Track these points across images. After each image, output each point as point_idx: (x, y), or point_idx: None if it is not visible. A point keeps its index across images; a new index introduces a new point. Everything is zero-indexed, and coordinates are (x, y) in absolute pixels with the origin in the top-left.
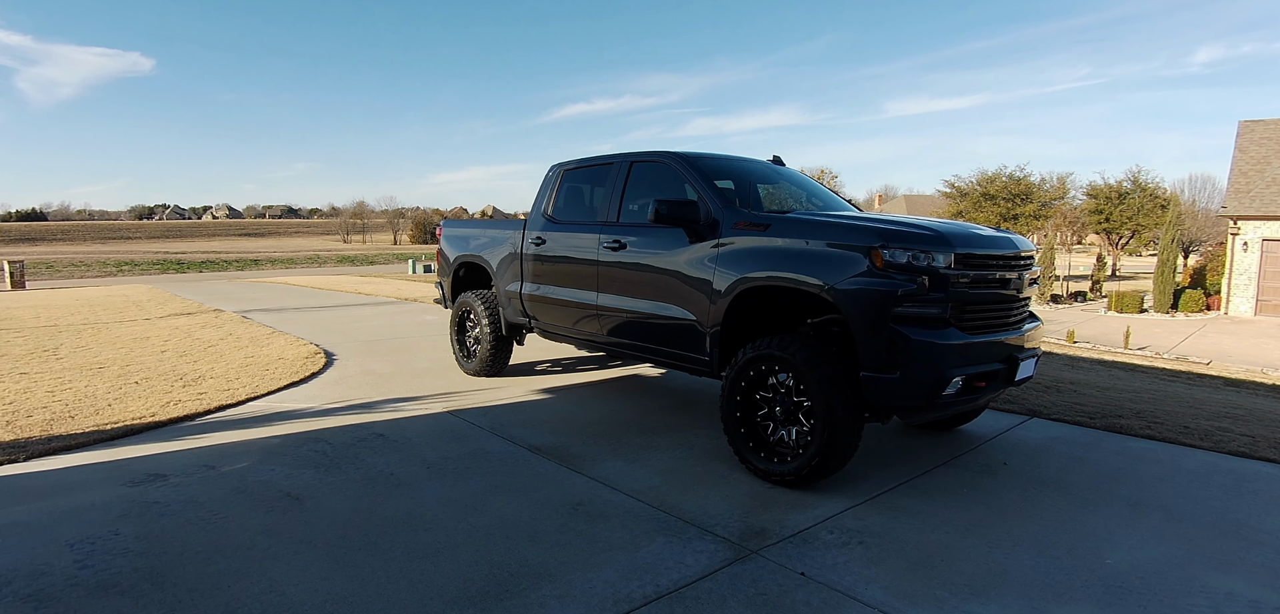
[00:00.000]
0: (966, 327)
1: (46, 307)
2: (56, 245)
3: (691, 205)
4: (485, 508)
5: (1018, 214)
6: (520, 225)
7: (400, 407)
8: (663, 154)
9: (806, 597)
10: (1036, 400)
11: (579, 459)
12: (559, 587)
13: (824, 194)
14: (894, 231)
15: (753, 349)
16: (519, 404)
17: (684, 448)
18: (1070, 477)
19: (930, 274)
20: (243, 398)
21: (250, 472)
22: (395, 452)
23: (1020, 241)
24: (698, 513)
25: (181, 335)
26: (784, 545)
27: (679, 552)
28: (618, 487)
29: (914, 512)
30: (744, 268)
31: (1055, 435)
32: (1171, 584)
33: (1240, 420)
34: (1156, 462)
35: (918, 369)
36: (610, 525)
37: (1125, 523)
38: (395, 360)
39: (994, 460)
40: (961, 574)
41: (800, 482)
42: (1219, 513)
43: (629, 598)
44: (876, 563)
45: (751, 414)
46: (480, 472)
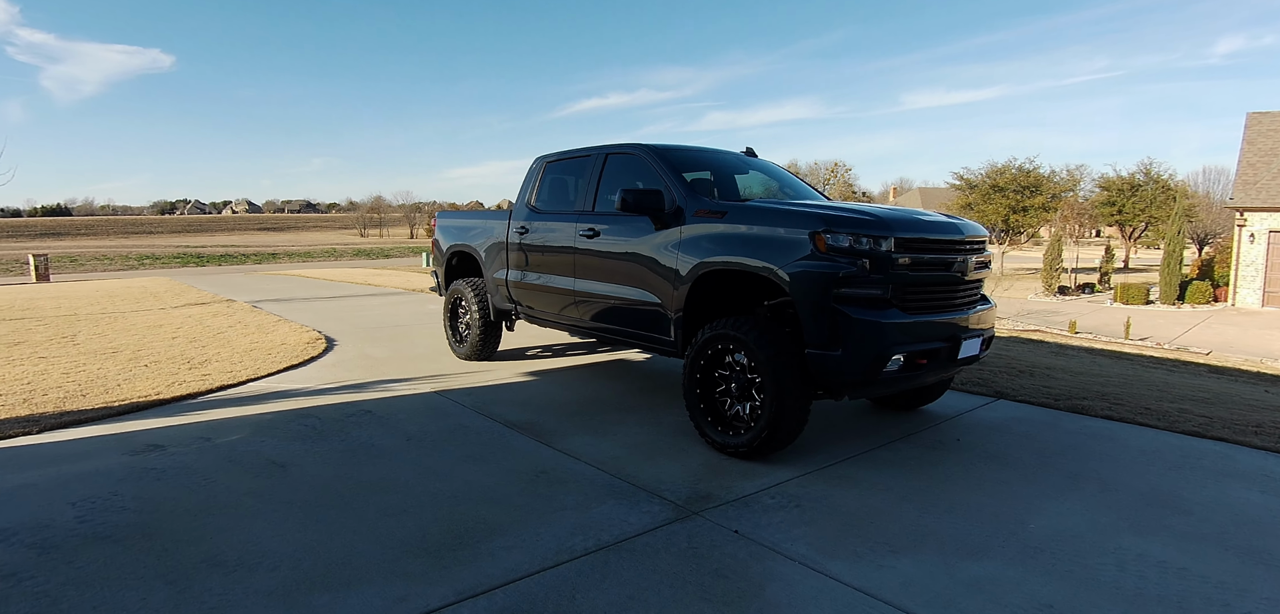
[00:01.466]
0: (908, 307)
1: (68, 297)
2: (81, 240)
3: (655, 194)
4: (454, 474)
5: (1027, 206)
6: (506, 215)
7: (390, 387)
8: (633, 146)
9: (734, 550)
10: (1006, 383)
11: (551, 434)
12: (509, 540)
13: (794, 183)
14: (836, 217)
15: (710, 329)
16: (504, 385)
17: (653, 424)
18: (1019, 452)
19: (871, 257)
20: (243, 379)
21: (242, 443)
22: (380, 426)
23: (968, 227)
24: (651, 480)
25: (193, 323)
26: (725, 508)
27: (626, 512)
28: (581, 457)
29: (857, 480)
30: (703, 253)
31: (1016, 415)
32: (1086, 546)
33: (1204, 403)
34: (1108, 439)
35: (858, 347)
36: (567, 490)
37: (1059, 493)
38: (393, 346)
39: (948, 437)
40: (886, 534)
41: (753, 453)
42: (1154, 485)
43: (571, 549)
44: (808, 524)
45: (710, 391)
46: (455, 443)
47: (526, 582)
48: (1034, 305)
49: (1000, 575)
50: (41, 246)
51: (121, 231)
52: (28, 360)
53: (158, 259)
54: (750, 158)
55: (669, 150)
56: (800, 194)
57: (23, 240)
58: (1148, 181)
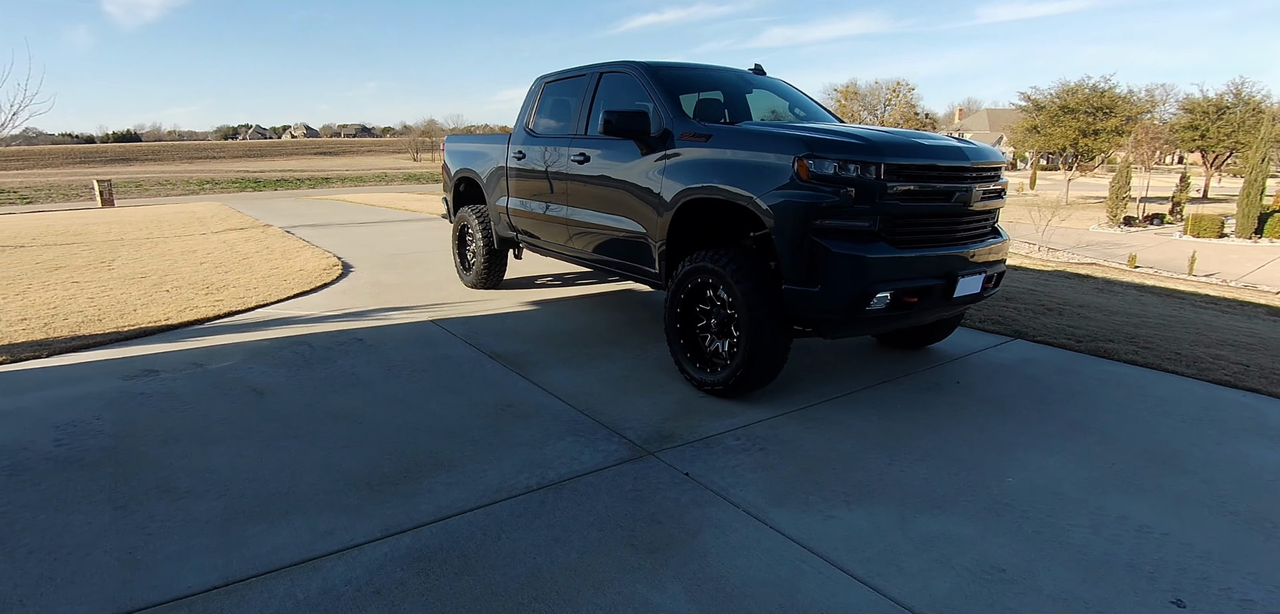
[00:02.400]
0: (899, 240)
1: (121, 222)
2: (148, 165)
3: (640, 115)
4: (423, 406)
5: (1098, 129)
6: (506, 139)
7: (389, 315)
8: (626, 64)
9: (676, 495)
10: (1029, 322)
11: (532, 366)
12: (455, 476)
13: (807, 105)
14: (819, 141)
15: (690, 262)
16: (502, 315)
17: (639, 358)
18: (1020, 398)
19: (858, 185)
20: (253, 305)
21: (231, 369)
22: (367, 354)
23: (975, 153)
24: (617, 418)
25: (224, 248)
26: (685, 448)
27: (580, 450)
28: (554, 391)
29: (833, 423)
30: (686, 179)
31: (1030, 357)
32: (1064, 504)
33: (1246, 349)
34: (1125, 386)
35: (839, 283)
36: (529, 425)
37: (1051, 444)
38: (407, 273)
39: (947, 379)
40: (846, 483)
41: (728, 391)
42: (1162, 439)
43: (511, 488)
44: (767, 468)
45: (691, 326)
46: (434, 374)
47: (456, 520)
48: (1095, 237)
49: (957, 533)
50: (111, 172)
51: (186, 157)
52: (60, 285)
53: (218, 184)
54: (759, 76)
55: (662, 68)
56: (812, 117)
57: (95, 165)
58: (1238, 103)
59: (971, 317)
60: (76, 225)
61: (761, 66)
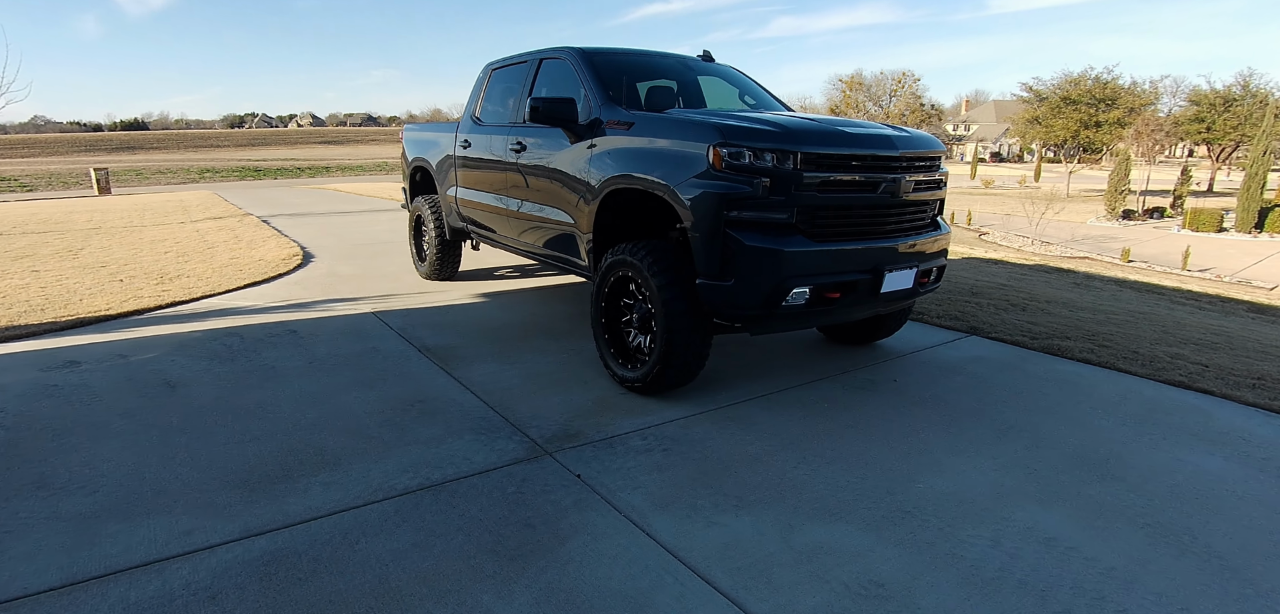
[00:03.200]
0: (819, 233)
1: (106, 211)
2: (153, 153)
3: (567, 102)
4: (331, 401)
5: (1101, 121)
6: (455, 128)
7: (333, 306)
8: (562, 49)
9: (559, 498)
10: (989, 318)
11: (459, 360)
12: (337, 475)
13: (757, 92)
14: (733, 128)
15: (612, 255)
16: (448, 307)
17: (572, 353)
18: (958, 397)
19: (773, 176)
20: (200, 295)
21: (151, 362)
22: (295, 347)
23: (906, 141)
24: (527, 415)
25: (195, 238)
26: (586, 449)
27: (476, 449)
28: (472, 387)
29: (751, 422)
30: (609, 169)
31: (981, 355)
32: (970, 513)
33: (1209, 348)
34: (1072, 386)
35: (752, 277)
36: (432, 423)
37: (976, 448)
38: (367, 264)
39: (885, 377)
40: (743, 486)
41: (648, 388)
42: (1096, 444)
43: (390, 489)
44: (665, 470)
45: (615, 321)
46: (355, 368)
47: (321, 522)
48: (1092, 230)
49: (844, 543)
50: (116, 160)
51: (191, 145)
52: (18, 274)
53: (218, 172)
54: (706, 62)
55: (599, 54)
56: (762, 106)
57: (100, 153)
58: (1245, 95)
59: (929, 312)
60: (61, 214)
61: (709, 53)
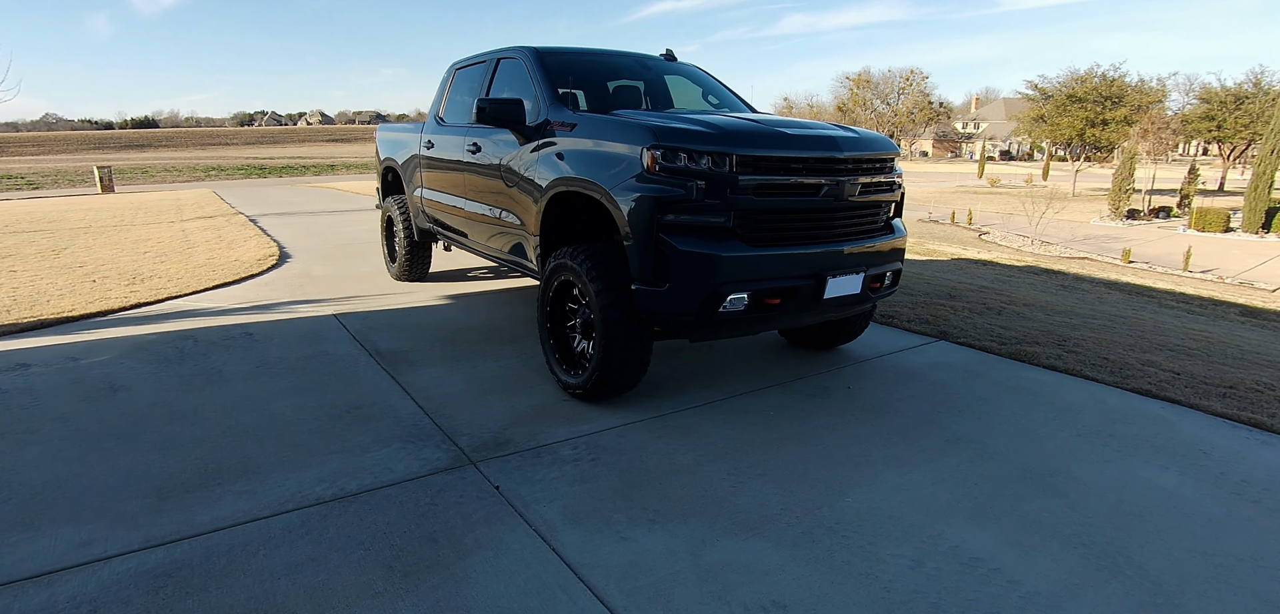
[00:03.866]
0: (757, 237)
1: (102, 209)
2: (161, 151)
3: (514, 103)
4: (267, 407)
5: (1107, 119)
6: (421, 128)
7: (297, 308)
8: (517, 49)
9: (471, 511)
10: (961, 321)
11: (409, 364)
12: (254, 483)
13: (722, 93)
14: (666, 129)
15: (555, 259)
16: (411, 309)
17: (525, 357)
18: (911, 406)
19: (708, 178)
20: (167, 296)
21: (100, 365)
22: (247, 350)
23: (853, 141)
24: (463, 422)
25: (178, 237)
26: (514, 458)
27: (400, 458)
28: (414, 392)
29: (689, 431)
30: (553, 171)
31: (945, 360)
32: (895, 530)
33: (1184, 354)
34: (1032, 394)
35: (686, 283)
36: (364, 430)
37: (920, 459)
38: (342, 265)
39: (839, 384)
40: (665, 499)
41: (588, 395)
42: (1045, 456)
43: (303, 499)
44: (588, 481)
45: (561, 326)
46: (300, 372)
47: (223, 533)
48: (1095, 230)
49: (756, 561)
50: (125, 158)
51: (200, 143)
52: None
53: (223, 171)
54: (670, 62)
55: (552, 54)
56: (726, 105)
57: (110, 151)
58: (1257, 93)
59: (900, 315)
60: (57, 212)
61: (672, 53)
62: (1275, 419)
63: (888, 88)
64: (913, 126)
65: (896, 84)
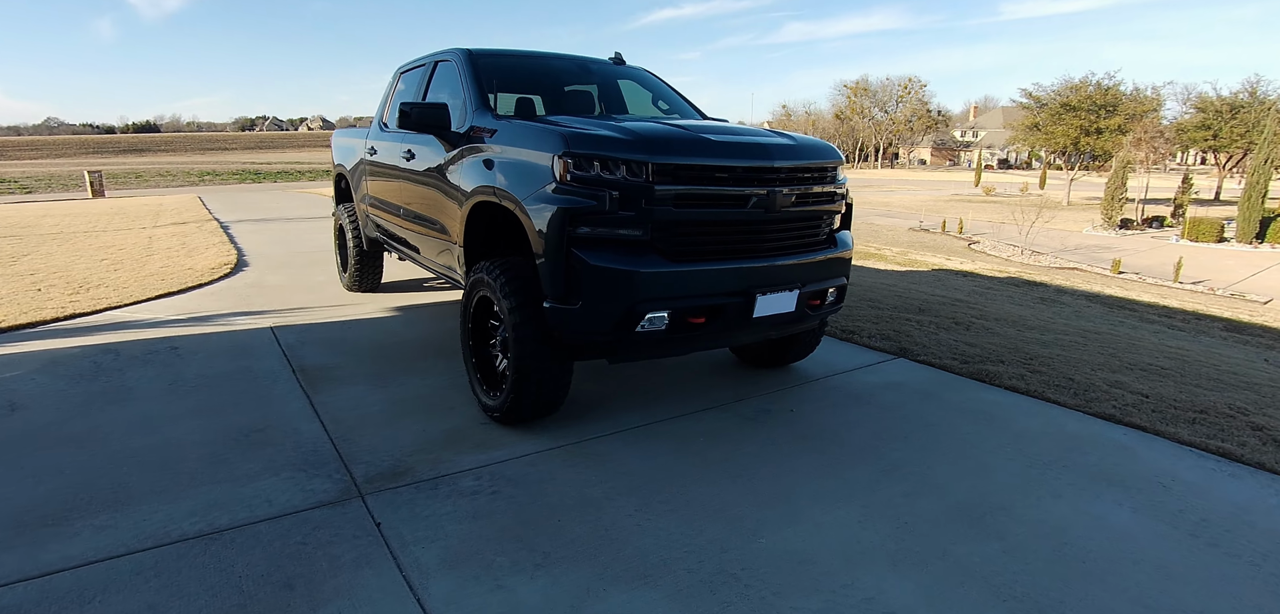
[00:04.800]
0: (677, 252)
1: (81, 214)
2: (160, 155)
3: (438, 108)
4: (166, 429)
5: (1102, 128)
6: (367, 134)
7: (234, 320)
8: (451, 52)
9: (341, 552)
10: (924, 337)
11: (330, 382)
12: (119, 517)
13: (672, 98)
14: (578, 136)
15: (473, 273)
16: (353, 321)
17: (457, 376)
18: (853, 431)
19: (621, 188)
20: (106, 306)
21: (9, 381)
22: (166, 366)
23: (781, 148)
24: (365, 448)
25: (142, 244)
26: (407, 489)
27: (283, 489)
28: (324, 414)
29: (607, 460)
30: (473, 179)
31: (900, 380)
32: (805, 576)
33: (1155, 375)
34: (986, 419)
35: (600, 300)
36: (257, 456)
37: (850, 492)
38: (299, 274)
39: (781, 406)
40: (558, 540)
41: (505, 419)
42: (989, 489)
43: (165, 535)
44: (479, 518)
45: (484, 343)
46: (212, 391)
47: (63, 575)
48: (1086, 240)
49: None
50: (119, 162)
51: (199, 148)
52: None
53: (217, 175)
54: (617, 65)
55: (486, 56)
56: (677, 111)
57: (108, 155)
58: (1253, 102)
59: (862, 330)
60: (34, 217)
61: (621, 56)
62: (1246, 448)
63: (886, 96)
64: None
65: (894, 92)
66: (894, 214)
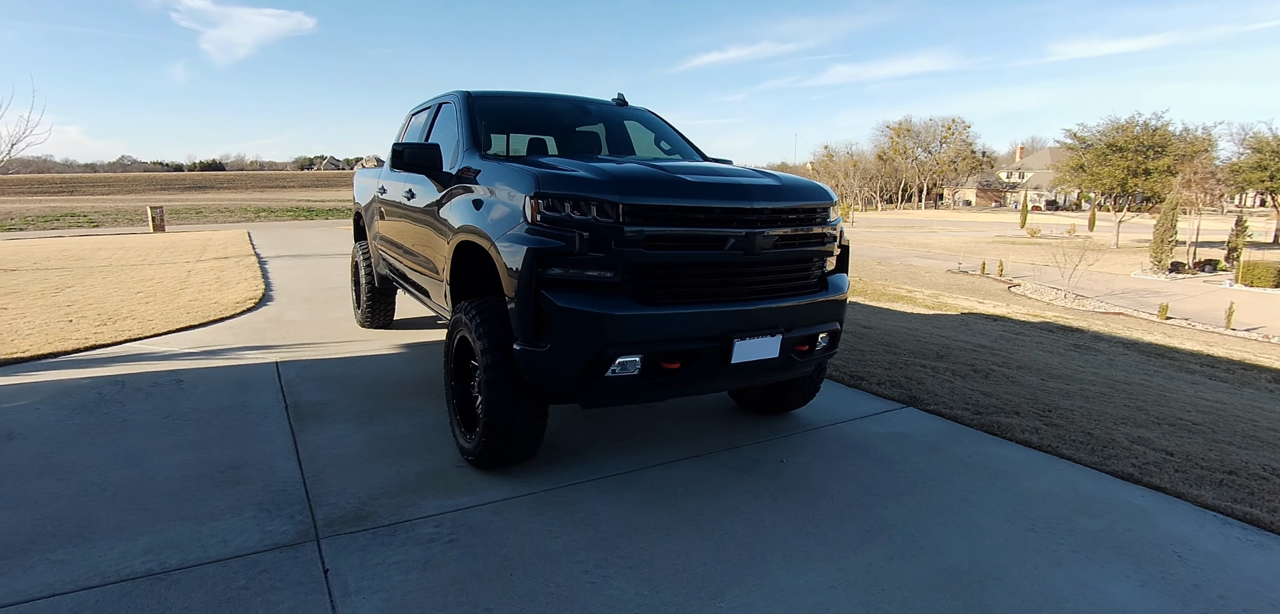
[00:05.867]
0: (650, 295)
1: (135, 247)
2: (222, 193)
3: (429, 149)
4: (147, 463)
5: (1150, 169)
6: (380, 173)
7: (243, 355)
8: (452, 94)
9: (277, 599)
10: (938, 385)
11: (318, 420)
12: (76, 552)
13: (673, 138)
14: (548, 176)
15: (454, 312)
16: (357, 358)
17: (440, 417)
18: (844, 487)
19: (592, 229)
20: (127, 338)
21: (14, 410)
22: (166, 399)
23: (762, 188)
24: (334, 489)
25: (179, 277)
26: (364, 534)
27: (241, 530)
28: (304, 453)
29: (574, 509)
30: (458, 219)
31: (905, 431)
32: None
33: (1185, 431)
34: (993, 475)
35: (568, 343)
36: (226, 494)
37: (827, 554)
38: (317, 310)
39: (772, 456)
40: (500, 598)
41: (480, 462)
42: (979, 557)
43: (114, 573)
44: (429, 568)
45: (465, 384)
46: (202, 426)
47: (4, 611)
48: (1134, 284)
49: None
50: (184, 199)
51: (259, 186)
52: None
53: (272, 212)
54: (622, 107)
55: (483, 99)
56: (678, 152)
57: (175, 192)
58: None
59: (872, 376)
60: (90, 249)
61: (623, 97)
62: (1277, 515)
63: (929, 136)
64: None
65: (938, 133)
66: (933, 255)
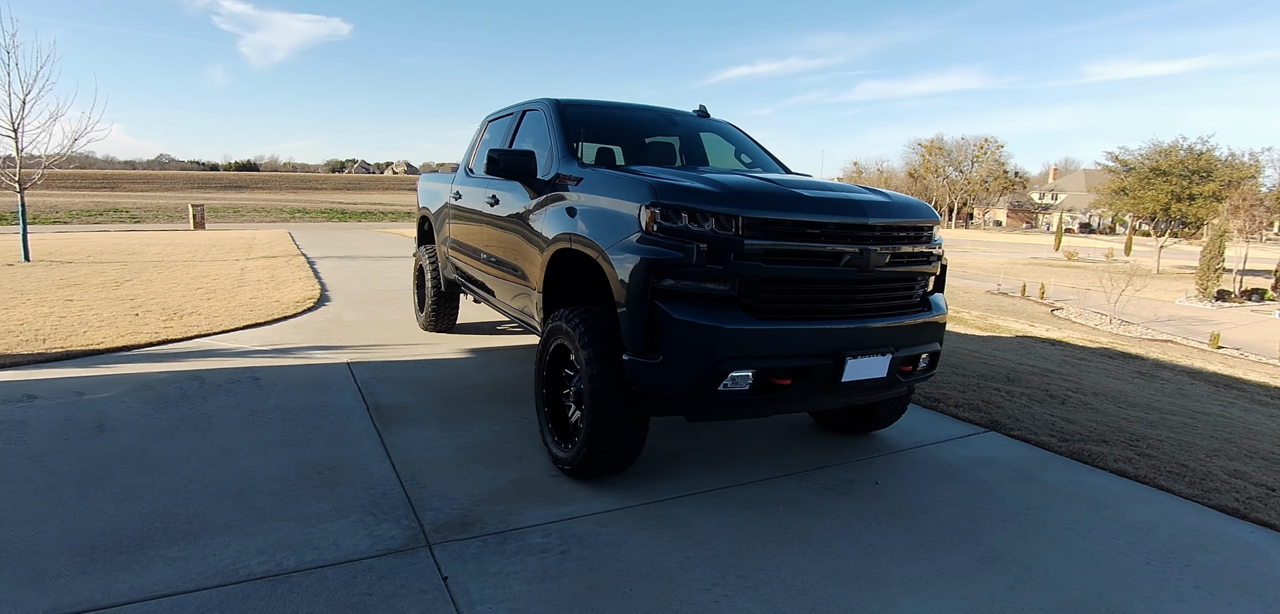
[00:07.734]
0: (765, 310)
1: (182, 244)
2: (257, 193)
3: (525, 156)
4: (242, 461)
5: (1194, 194)
6: (453, 178)
7: (313, 354)
8: (540, 101)
9: (402, 606)
10: (1017, 409)
11: (402, 423)
12: (189, 549)
13: (753, 150)
14: (666, 186)
15: (552, 320)
16: (427, 361)
17: (525, 423)
18: (947, 511)
19: (710, 241)
20: (196, 334)
21: (99, 402)
22: (246, 396)
23: (877, 205)
24: (433, 494)
25: (233, 275)
26: (474, 542)
27: (350, 533)
28: (395, 455)
29: (681, 525)
30: (556, 227)
31: (993, 456)
32: None
33: (1277, 465)
34: (1095, 505)
35: (681, 356)
36: (327, 496)
37: (945, 581)
38: (375, 311)
39: (866, 478)
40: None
41: (576, 472)
42: (1101, 588)
43: (232, 573)
44: (547, 579)
45: (557, 393)
46: (288, 424)
47: (131, 607)
48: (1180, 311)
49: None
50: (220, 197)
51: (292, 187)
52: (51, 302)
53: (307, 213)
54: (701, 118)
55: (572, 107)
56: (759, 165)
57: (210, 191)
58: None
59: (948, 399)
60: (140, 245)
61: (705, 109)
62: None
63: (961, 155)
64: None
65: (970, 152)
66: (970, 276)
